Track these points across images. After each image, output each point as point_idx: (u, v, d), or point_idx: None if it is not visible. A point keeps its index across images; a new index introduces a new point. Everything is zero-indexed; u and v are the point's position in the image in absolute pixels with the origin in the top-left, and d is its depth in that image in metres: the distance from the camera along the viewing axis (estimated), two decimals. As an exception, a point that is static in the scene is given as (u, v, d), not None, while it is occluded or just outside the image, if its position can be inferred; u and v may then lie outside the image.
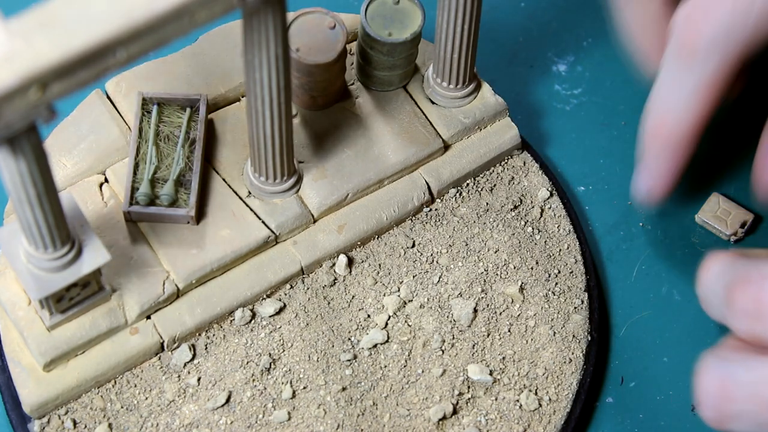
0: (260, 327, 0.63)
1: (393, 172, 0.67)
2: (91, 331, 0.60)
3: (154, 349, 0.62)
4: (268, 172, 0.63)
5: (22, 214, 0.52)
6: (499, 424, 0.62)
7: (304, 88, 0.66)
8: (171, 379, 0.62)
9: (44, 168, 0.50)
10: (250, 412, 0.61)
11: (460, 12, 0.62)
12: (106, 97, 0.67)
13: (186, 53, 0.68)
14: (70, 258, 0.56)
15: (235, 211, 0.64)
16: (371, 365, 0.63)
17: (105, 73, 0.45)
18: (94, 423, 0.60)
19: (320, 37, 0.64)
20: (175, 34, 0.46)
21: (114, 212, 0.63)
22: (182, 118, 0.65)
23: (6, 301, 0.60)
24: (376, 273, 0.65)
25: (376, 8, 0.65)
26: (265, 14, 0.51)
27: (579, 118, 0.74)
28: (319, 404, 0.62)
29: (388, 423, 0.61)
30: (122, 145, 0.65)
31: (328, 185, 0.65)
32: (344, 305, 0.64)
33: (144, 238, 0.63)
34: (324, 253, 0.65)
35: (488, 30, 0.75)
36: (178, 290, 0.62)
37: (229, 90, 0.68)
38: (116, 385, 0.61)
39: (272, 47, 0.53)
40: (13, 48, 0.42)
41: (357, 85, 0.69)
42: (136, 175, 0.63)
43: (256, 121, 0.59)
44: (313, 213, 0.65)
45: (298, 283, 0.64)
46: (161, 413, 0.61)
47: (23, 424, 0.61)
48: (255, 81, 0.56)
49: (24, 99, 0.43)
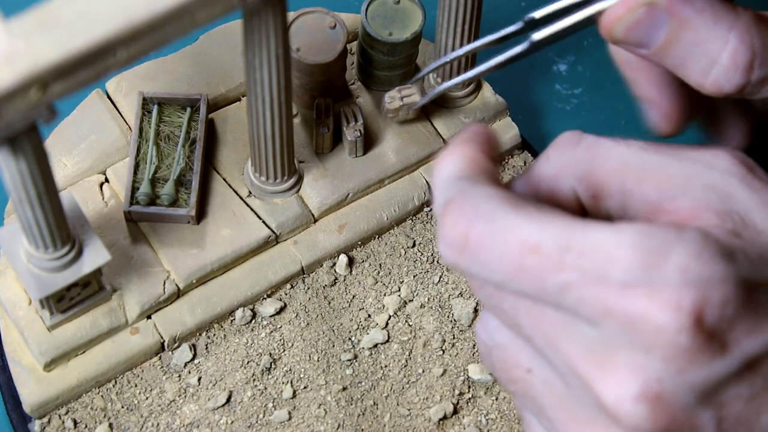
0: (261, 327, 0.63)
1: (393, 172, 0.67)
2: (91, 330, 0.60)
3: (155, 348, 0.62)
4: (268, 171, 0.63)
5: (22, 214, 0.52)
6: (500, 424, 0.62)
7: (304, 87, 0.66)
8: (171, 379, 0.62)
9: (45, 168, 0.50)
10: (250, 411, 0.61)
11: (460, 12, 0.62)
12: (107, 96, 0.67)
13: (186, 53, 0.68)
14: (70, 258, 0.56)
15: (235, 210, 0.64)
16: (372, 365, 0.63)
17: (105, 73, 0.45)
18: (95, 423, 0.60)
19: (321, 37, 0.64)
20: (176, 34, 0.46)
21: (114, 212, 0.63)
22: (183, 117, 0.65)
23: (6, 301, 0.60)
24: (377, 273, 0.65)
25: (376, 8, 0.65)
26: (266, 14, 0.51)
27: (579, 117, 0.74)
28: (320, 404, 0.62)
29: (388, 423, 0.61)
30: (123, 144, 0.65)
31: (329, 185, 0.65)
32: (345, 305, 0.64)
33: (144, 238, 0.63)
34: (324, 252, 0.65)
35: (488, 30, 0.75)
36: (178, 290, 0.62)
37: (230, 90, 0.68)
38: (117, 385, 0.61)
39: (273, 47, 0.53)
40: (13, 48, 0.42)
41: (357, 84, 0.69)
42: (137, 175, 0.63)
43: (256, 120, 0.59)
44: (314, 213, 0.65)
45: (299, 283, 0.64)
46: (162, 413, 0.61)
47: (24, 423, 0.61)
48: (255, 81, 0.56)
49: (24, 99, 0.43)
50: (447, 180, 0.42)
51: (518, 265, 0.39)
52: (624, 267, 0.38)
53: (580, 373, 0.39)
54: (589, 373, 0.39)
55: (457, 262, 0.40)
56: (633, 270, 0.38)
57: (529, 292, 0.39)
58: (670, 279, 0.38)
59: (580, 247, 0.39)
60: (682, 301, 0.37)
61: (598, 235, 0.39)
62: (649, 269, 0.38)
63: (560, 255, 0.38)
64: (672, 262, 0.38)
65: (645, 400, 0.38)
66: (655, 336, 0.37)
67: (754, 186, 0.41)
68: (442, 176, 0.42)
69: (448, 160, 0.42)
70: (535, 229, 0.39)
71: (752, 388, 0.39)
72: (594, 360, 0.39)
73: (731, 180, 0.42)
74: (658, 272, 0.38)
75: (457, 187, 0.41)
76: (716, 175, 0.42)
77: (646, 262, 0.38)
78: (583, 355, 0.39)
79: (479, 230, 0.39)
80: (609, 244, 0.38)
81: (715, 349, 0.38)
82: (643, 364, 0.38)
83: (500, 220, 0.39)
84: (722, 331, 0.38)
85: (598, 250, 0.38)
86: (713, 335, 0.38)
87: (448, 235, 0.40)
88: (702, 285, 0.37)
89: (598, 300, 0.38)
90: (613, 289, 0.38)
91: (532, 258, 0.39)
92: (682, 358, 0.37)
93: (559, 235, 0.39)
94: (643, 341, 0.38)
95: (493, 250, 0.39)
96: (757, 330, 0.38)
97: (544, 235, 0.39)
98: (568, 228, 0.39)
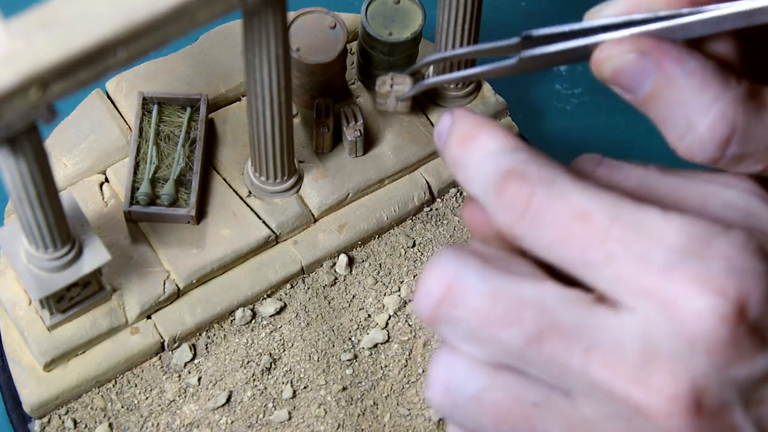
0: (261, 327, 0.63)
1: (393, 172, 0.67)
2: (91, 330, 0.60)
3: (155, 348, 0.62)
4: (268, 171, 0.63)
5: (22, 214, 0.52)
6: (500, 424, 0.62)
7: (304, 87, 0.66)
8: (171, 379, 0.62)
9: (45, 168, 0.50)
10: (250, 411, 0.61)
11: (461, 12, 0.62)
12: (107, 96, 0.67)
13: (186, 53, 0.68)
14: (70, 258, 0.56)
15: (235, 210, 0.64)
16: (372, 365, 0.63)
17: (105, 73, 0.45)
18: (95, 422, 0.60)
19: (321, 37, 0.64)
20: (176, 34, 0.46)
21: (114, 212, 0.63)
22: (183, 117, 0.65)
23: (6, 301, 0.60)
24: (377, 272, 0.65)
25: (376, 8, 0.65)
26: (266, 14, 0.51)
27: (579, 117, 0.74)
28: (320, 404, 0.62)
29: (388, 423, 0.61)
30: (123, 144, 0.65)
31: (329, 185, 0.65)
32: (345, 305, 0.64)
33: (144, 238, 0.63)
34: (324, 252, 0.65)
35: (488, 30, 0.75)
36: (178, 290, 0.62)
37: (230, 90, 0.68)
38: (117, 385, 0.61)
39: (273, 47, 0.53)
40: (13, 48, 0.42)
41: (357, 84, 0.69)
42: (137, 175, 0.63)
43: (256, 120, 0.59)
44: (314, 212, 0.65)
45: (299, 283, 0.64)
46: (162, 413, 0.61)
47: (24, 423, 0.61)
48: (255, 81, 0.56)
49: (24, 99, 0.43)
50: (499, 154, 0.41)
51: (568, 231, 0.39)
52: (668, 249, 0.38)
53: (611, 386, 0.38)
54: (622, 382, 0.38)
55: (515, 227, 0.40)
56: (677, 253, 0.38)
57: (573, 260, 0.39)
58: (714, 266, 0.37)
59: (628, 222, 0.39)
60: (726, 288, 0.37)
61: (646, 214, 0.39)
62: (694, 255, 0.38)
63: (608, 226, 0.38)
64: (716, 250, 0.38)
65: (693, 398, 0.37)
66: (696, 323, 0.37)
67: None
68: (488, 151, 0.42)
69: (487, 136, 0.42)
70: (588, 198, 0.39)
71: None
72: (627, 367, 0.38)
73: (751, 198, 0.42)
74: (702, 259, 0.37)
75: (516, 158, 0.41)
76: (734, 193, 0.42)
77: (691, 247, 0.38)
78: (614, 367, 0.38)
79: (541, 195, 0.39)
80: (656, 224, 0.38)
81: (758, 344, 0.37)
82: (687, 359, 0.37)
83: (560, 186, 0.39)
84: (764, 326, 0.38)
85: (645, 229, 0.38)
86: (756, 329, 0.37)
87: (512, 200, 0.40)
88: (746, 276, 0.37)
89: (639, 278, 0.38)
90: (656, 269, 0.38)
91: (581, 225, 0.39)
92: (726, 350, 0.37)
93: (609, 207, 0.39)
94: (685, 330, 0.37)
95: (550, 215, 0.39)
96: None
97: (595, 204, 0.39)
98: (619, 202, 0.39)
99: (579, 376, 0.39)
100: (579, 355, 0.39)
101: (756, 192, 0.42)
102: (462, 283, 0.40)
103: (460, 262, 0.40)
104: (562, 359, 0.39)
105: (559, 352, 0.39)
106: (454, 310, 0.40)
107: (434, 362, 0.41)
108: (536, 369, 0.40)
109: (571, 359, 0.39)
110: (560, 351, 0.39)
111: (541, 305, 0.39)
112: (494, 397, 0.41)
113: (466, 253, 0.41)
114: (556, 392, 0.40)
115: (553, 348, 0.39)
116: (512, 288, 0.40)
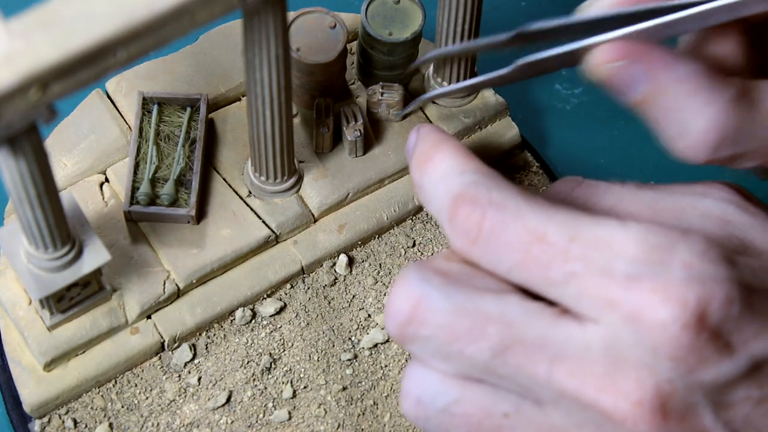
0: (261, 326, 0.63)
1: (393, 172, 0.67)
2: (91, 330, 0.60)
3: (155, 348, 0.62)
4: (268, 171, 0.63)
5: (22, 213, 0.52)
6: (500, 424, 0.62)
7: (304, 87, 0.66)
8: (171, 379, 0.62)
9: (44, 168, 0.50)
10: (250, 411, 0.61)
11: (460, 12, 0.62)
12: (107, 96, 0.67)
13: (186, 53, 0.68)
14: (70, 258, 0.56)
15: (235, 210, 0.64)
16: (372, 365, 0.63)
17: (105, 72, 0.45)
18: (95, 422, 0.60)
19: (321, 37, 0.64)
20: (176, 34, 0.46)
21: (114, 212, 0.63)
22: (183, 117, 0.65)
23: (6, 301, 0.60)
24: (377, 272, 0.65)
25: (376, 8, 0.65)
26: (266, 14, 0.51)
27: (579, 117, 0.74)
28: (320, 404, 0.62)
29: (388, 423, 0.62)
30: (123, 144, 0.65)
31: (329, 185, 0.65)
32: (345, 305, 0.64)
33: (144, 238, 0.63)
34: (324, 252, 0.65)
35: (488, 30, 0.75)
36: (178, 290, 0.62)
37: (230, 89, 0.68)
38: (117, 385, 0.61)
39: (273, 47, 0.53)
40: (13, 48, 0.42)
41: (357, 84, 0.69)
42: (137, 175, 0.63)
43: (256, 120, 0.59)
44: (314, 212, 0.65)
45: (299, 283, 0.64)
46: (162, 413, 0.61)
47: (24, 423, 0.61)
48: (255, 81, 0.56)
49: (24, 99, 0.43)
50: (450, 176, 0.42)
51: (525, 254, 0.39)
52: (629, 260, 0.38)
53: (579, 394, 0.38)
54: (589, 390, 0.38)
55: (470, 252, 0.40)
56: (637, 264, 0.38)
57: (535, 282, 0.39)
58: (674, 275, 0.37)
59: (587, 238, 0.39)
60: (687, 296, 0.37)
61: (604, 228, 0.39)
62: (654, 264, 0.38)
63: (566, 245, 0.38)
64: (677, 258, 0.38)
65: (658, 402, 0.38)
66: (659, 332, 0.37)
67: (750, 210, 0.42)
68: (440, 173, 0.42)
69: (440, 158, 0.42)
70: (543, 219, 0.39)
71: (761, 391, 0.39)
72: (593, 375, 0.38)
73: (727, 207, 0.42)
74: (662, 267, 0.38)
75: (464, 180, 0.41)
76: (710, 202, 0.42)
77: (651, 257, 0.38)
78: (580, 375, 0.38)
79: (492, 219, 0.39)
80: (615, 237, 0.38)
81: (721, 349, 0.38)
82: (651, 366, 0.38)
83: (512, 209, 0.39)
84: (727, 331, 0.38)
85: (603, 243, 0.38)
86: (718, 334, 0.37)
87: (462, 225, 0.40)
88: (706, 282, 0.37)
89: (602, 292, 0.38)
90: (617, 282, 0.38)
91: (539, 247, 0.39)
92: (689, 356, 0.37)
93: (566, 225, 0.39)
94: (649, 339, 0.37)
95: (504, 238, 0.39)
96: (763, 333, 0.38)
97: (551, 225, 0.39)
98: (575, 220, 0.39)
99: (546, 386, 0.39)
100: (544, 365, 0.39)
101: (731, 200, 0.42)
102: (426, 302, 0.40)
103: (424, 282, 0.40)
104: (529, 370, 0.39)
105: (524, 364, 0.39)
106: (420, 329, 0.40)
107: (406, 376, 0.42)
108: (505, 381, 0.40)
109: (537, 370, 0.39)
110: (526, 362, 0.39)
111: (504, 319, 0.39)
112: (465, 410, 0.41)
113: (431, 271, 0.41)
114: (526, 402, 0.40)
115: (519, 360, 0.39)
116: (475, 304, 0.40)
